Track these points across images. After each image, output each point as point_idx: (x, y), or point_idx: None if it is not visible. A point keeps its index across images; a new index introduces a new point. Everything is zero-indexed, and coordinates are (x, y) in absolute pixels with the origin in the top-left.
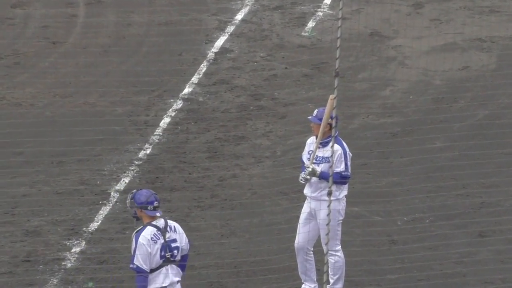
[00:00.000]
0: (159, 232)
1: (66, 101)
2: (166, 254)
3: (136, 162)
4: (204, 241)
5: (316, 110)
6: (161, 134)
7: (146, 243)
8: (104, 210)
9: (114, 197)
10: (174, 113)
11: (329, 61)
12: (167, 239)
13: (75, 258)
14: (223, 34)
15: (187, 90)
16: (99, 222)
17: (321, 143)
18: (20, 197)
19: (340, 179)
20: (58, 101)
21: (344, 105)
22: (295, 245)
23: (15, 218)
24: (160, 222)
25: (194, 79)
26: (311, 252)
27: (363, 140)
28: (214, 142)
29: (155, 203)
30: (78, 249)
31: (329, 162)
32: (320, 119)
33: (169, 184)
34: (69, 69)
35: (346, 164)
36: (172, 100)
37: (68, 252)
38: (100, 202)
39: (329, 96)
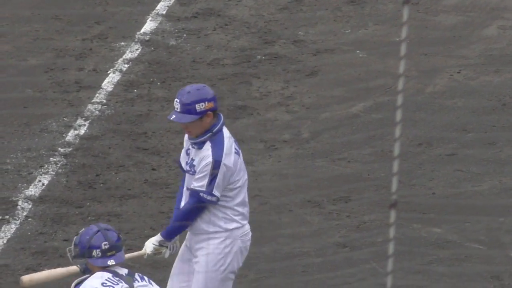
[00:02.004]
0: (116, 278)
1: None
2: None
3: (62, 150)
4: None
5: (181, 95)
6: (104, 102)
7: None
8: (6, 232)
9: (23, 209)
10: (126, 65)
11: None
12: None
13: None
14: None
15: (148, 25)
16: None
17: (194, 144)
18: None
19: (194, 203)
20: None
21: (419, 52)
22: None
23: None
24: (123, 271)
25: (161, 7)
26: None
27: (452, 113)
28: None
29: (104, 245)
30: None
31: (194, 173)
32: (188, 110)
33: (119, 187)
34: None
35: (211, 181)
36: (123, 43)
37: None
38: (0, 217)
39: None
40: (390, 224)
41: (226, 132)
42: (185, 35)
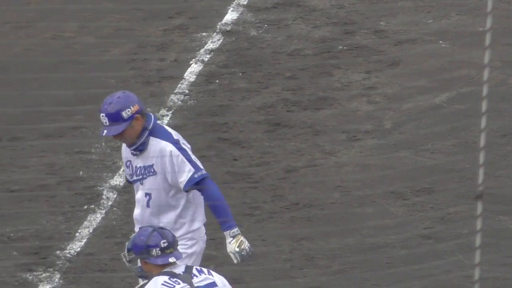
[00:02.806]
0: (174, 279)
1: (22, 33)
2: None
3: None
4: (262, 274)
5: (104, 109)
6: (186, 92)
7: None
8: (92, 221)
9: (108, 199)
10: (208, 56)
11: None
12: (196, 284)
13: None
14: None
15: (229, 16)
16: (83, 241)
17: (134, 150)
18: None
19: (208, 190)
20: (6, 34)
21: (503, 43)
22: None
23: None
24: (180, 269)
25: None
26: None
27: None
28: (276, 106)
29: (163, 243)
30: None
31: (155, 173)
32: (117, 120)
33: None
34: None
35: (189, 161)
36: (204, 34)
37: None
38: (85, 207)
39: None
40: (476, 215)
41: (165, 126)
42: (266, 25)
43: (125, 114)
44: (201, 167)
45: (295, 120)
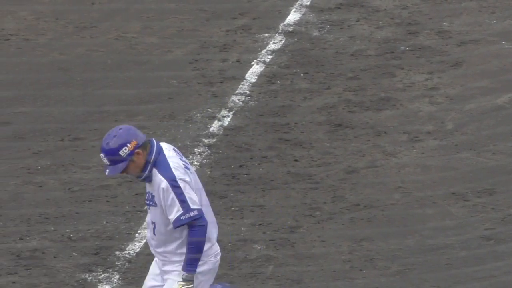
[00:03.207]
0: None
1: (85, 34)
2: None
3: (206, 141)
4: (322, 275)
5: (103, 149)
6: (247, 93)
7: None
8: None
9: None
10: (269, 57)
11: None
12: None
13: None
14: None
15: (292, 17)
16: (143, 241)
17: (143, 181)
18: (7, 198)
19: (194, 230)
20: (70, 35)
21: None
22: None
23: None
24: None
25: None
26: None
27: None
28: (337, 107)
29: None
30: None
31: (156, 205)
32: (116, 159)
33: (262, 177)
34: None
35: (180, 200)
36: (267, 34)
37: None
38: (145, 207)
39: None
40: None
41: (167, 151)
42: (328, 26)
43: (123, 153)
44: (193, 206)
45: (356, 120)
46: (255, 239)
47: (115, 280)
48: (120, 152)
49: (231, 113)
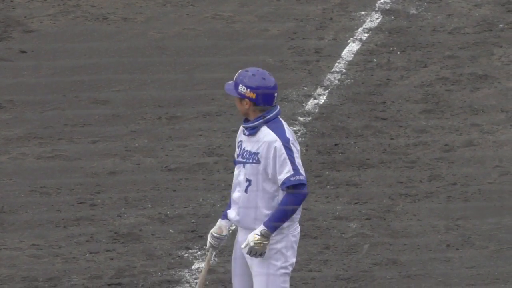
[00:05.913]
0: None
1: (183, 12)
2: None
3: (301, 119)
4: (418, 253)
5: (247, 71)
6: (343, 71)
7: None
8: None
9: None
10: (366, 35)
11: None
12: None
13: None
14: None
15: None
16: None
17: (245, 128)
18: (105, 176)
19: (294, 195)
20: (167, 14)
21: None
22: None
23: (96, 212)
24: None
25: None
26: None
27: None
28: (434, 85)
29: None
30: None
31: (258, 162)
32: (235, 85)
33: (357, 156)
34: None
35: (292, 162)
36: (363, 12)
37: (186, 270)
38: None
39: None
40: None
41: (285, 123)
42: (425, 3)
43: (241, 88)
44: (302, 172)
45: (453, 99)
46: (351, 217)
47: (211, 257)
48: (240, 86)
49: (327, 91)
